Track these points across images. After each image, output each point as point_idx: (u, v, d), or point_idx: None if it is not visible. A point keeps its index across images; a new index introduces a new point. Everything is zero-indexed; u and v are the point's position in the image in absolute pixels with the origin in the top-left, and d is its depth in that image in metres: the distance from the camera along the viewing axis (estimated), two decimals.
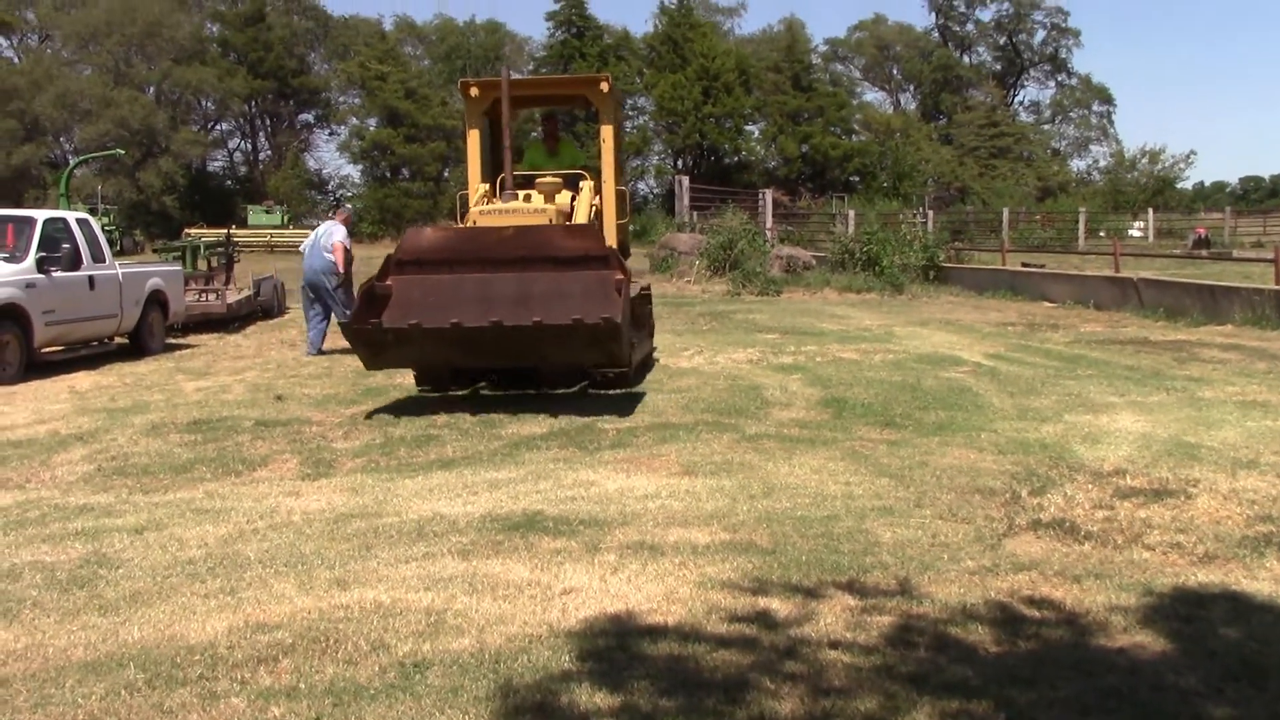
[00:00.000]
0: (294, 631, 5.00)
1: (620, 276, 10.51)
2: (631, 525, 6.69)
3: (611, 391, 11.54)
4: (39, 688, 4.43)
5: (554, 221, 11.52)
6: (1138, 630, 4.97)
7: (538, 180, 12.26)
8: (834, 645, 4.80)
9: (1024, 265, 28.22)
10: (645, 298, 13.78)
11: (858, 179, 67.37)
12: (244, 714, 4.14)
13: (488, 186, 12.64)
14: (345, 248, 16.04)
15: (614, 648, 4.78)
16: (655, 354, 14.47)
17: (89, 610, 5.36)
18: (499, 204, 11.75)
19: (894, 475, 7.93)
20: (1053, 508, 7.01)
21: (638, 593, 5.51)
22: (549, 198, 12.09)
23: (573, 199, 12.32)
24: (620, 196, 13.11)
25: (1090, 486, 7.55)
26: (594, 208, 12.55)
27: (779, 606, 5.30)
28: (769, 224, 36.86)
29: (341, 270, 15.90)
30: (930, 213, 39.78)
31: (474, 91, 12.78)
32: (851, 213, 37.36)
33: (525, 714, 4.11)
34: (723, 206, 34.79)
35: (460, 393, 11.78)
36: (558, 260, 10.66)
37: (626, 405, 10.98)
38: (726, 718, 4.07)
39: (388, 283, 10.78)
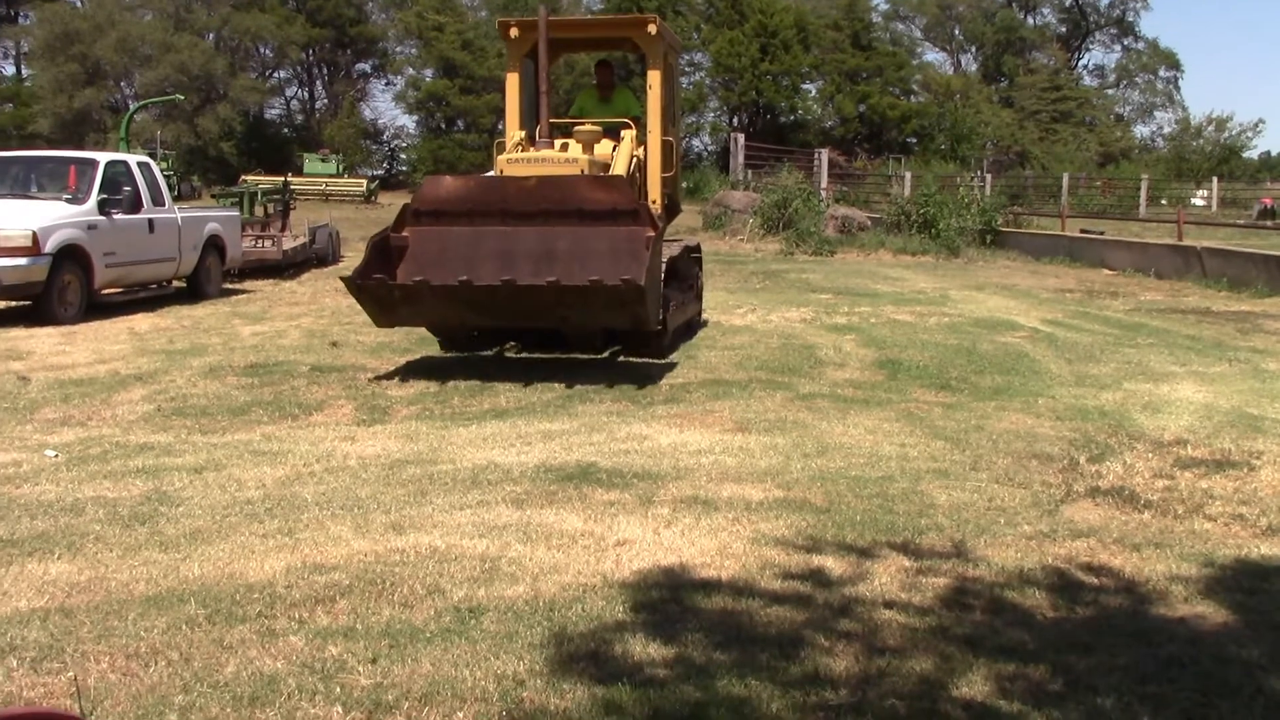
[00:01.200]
0: (350, 573, 5.05)
1: (651, 233, 9.78)
2: (685, 480, 6.69)
3: (644, 360, 10.76)
4: (102, 620, 4.50)
5: (587, 173, 10.73)
6: (1199, 601, 4.90)
7: (575, 129, 11.57)
8: (888, 605, 4.77)
9: (1083, 231, 27.80)
10: (693, 257, 13.11)
11: (915, 141, 66.52)
12: (302, 652, 4.18)
13: (524, 134, 11.89)
14: None
15: (667, 600, 4.78)
16: (704, 315, 13.83)
17: (150, 546, 5.43)
18: (531, 152, 11.08)
19: (949, 438, 7.86)
20: (1111, 475, 6.92)
21: (691, 546, 5.51)
22: (587, 148, 11.37)
23: (614, 150, 11.59)
24: (667, 148, 12.25)
25: (1150, 455, 7.44)
26: (635, 159, 11.82)
27: (833, 565, 5.27)
28: (824, 184, 36.53)
29: None
30: (988, 176, 39.27)
31: (514, 32, 11.94)
32: (908, 174, 36.95)
33: (579, 662, 4.12)
34: (778, 165, 34.53)
35: (486, 353, 11.34)
36: (584, 214, 10.02)
37: (680, 362, 10.96)
38: (780, 673, 4.06)
39: (404, 234, 10.32)
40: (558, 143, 11.25)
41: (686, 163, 58.71)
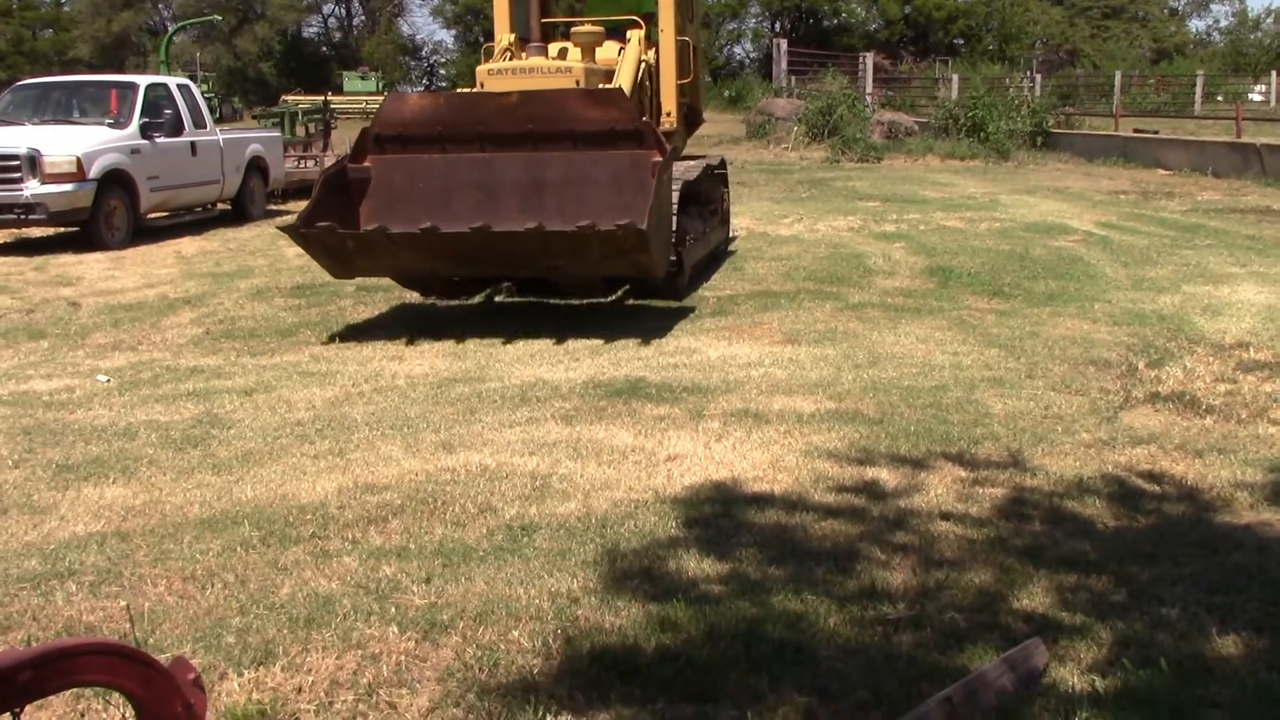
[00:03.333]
0: (402, 493, 5.04)
1: (657, 158, 8.22)
2: (735, 393, 6.62)
3: (658, 303, 9.39)
4: (158, 543, 4.53)
5: (583, 84, 9.15)
6: (1265, 508, 4.79)
7: (573, 29, 10.00)
8: (945, 517, 4.70)
9: (1136, 131, 27.13)
10: (716, 175, 11.45)
11: (962, 42, 65.00)
12: (356, 572, 4.19)
13: (514, 38, 10.09)
14: None
15: (720, 515, 4.74)
16: (737, 234, 12.85)
17: (203, 469, 5.45)
18: (517, 61, 9.63)
19: (1003, 345, 7.73)
20: (1171, 380, 6.77)
21: (743, 460, 5.45)
22: (587, 52, 9.82)
23: (620, 55, 9.96)
24: (682, 50, 10.56)
25: (1211, 359, 7.28)
26: (644, 65, 10.11)
27: (887, 477, 5.20)
28: (869, 89, 35.82)
29: None
30: (1038, 76, 38.30)
31: None
32: (955, 77, 36.12)
33: (632, 578, 4.10)
34: (822, 71, 33.86)
35: (473, 300, 9.89)
36: (576, 136, 8.47)
37: (727, 273, 10.84)
38: (836, 588, 4.01)
39: (365, 164, 8.74)
40: (555, 48, 9.89)
41: (728, 70, 57.79)
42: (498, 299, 9.94)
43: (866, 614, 3.80)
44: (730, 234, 12.42)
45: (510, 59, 9.80)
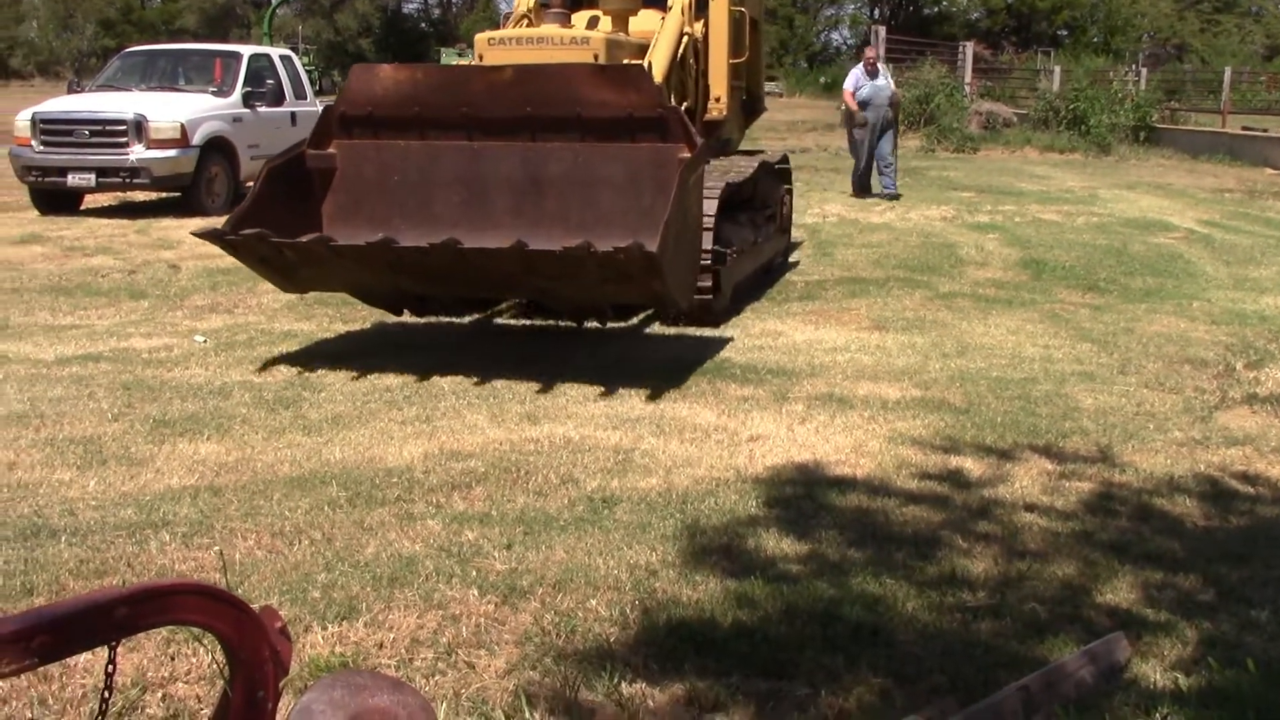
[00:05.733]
0: (486, 461, 5.10)
1: (685, 154, 6.39)
2: (820, 377, 6.59)
3: (696, 331, 7.74)
4: (249, 499, 4.64)
5: (602, 58, 7.57)
6: None
7: None
8: (1030, 508, 4.64)
9: (1245, 129, 26.39)
10: (777, 172, 9.81)
11: (1066, 33, 63.67)
12: (439, 536, 4.25)
13: (534, 3, 8.56)
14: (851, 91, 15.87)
15: (801, 496, 4.73)
16: (795, 253, 10.88)
17: (294, 429, 5.57)
18: (526, 29, 8.20)
19: (1097, 340, 7.59)
20: (1270, 382, 6.59)
21: (826, 444, 5.43)
22: (618, 22, 8.29)
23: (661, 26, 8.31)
24: (738, 22, 9.07)
25: None
26: (688, 39, 8.46)
27: (972, 466, 5.15)
28: (968, 78, 35.24)
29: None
30: (1143, 70, 37.38)
31: None
32: (1057, 69, 35.37)
33: (711, 554, 4.11)
34: (920, 59, 33.39)
35: (463, 320, 8.07)
36: (585, 123, 6.79)
37: (816, 258, 10.77)
38: (916, 573, 3.98)
39: (328, 150, 7.22)
40: (583, 17, 8.37)
41: (824, 57, 57.21)
42: (498, 320, 8.23)
43: (946, 600, 3.77)
44: (790, 243, 10.74)
45: (527, 25, 8.30)
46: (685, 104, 8.24)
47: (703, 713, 3.10)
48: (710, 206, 7.29)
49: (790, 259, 10.50)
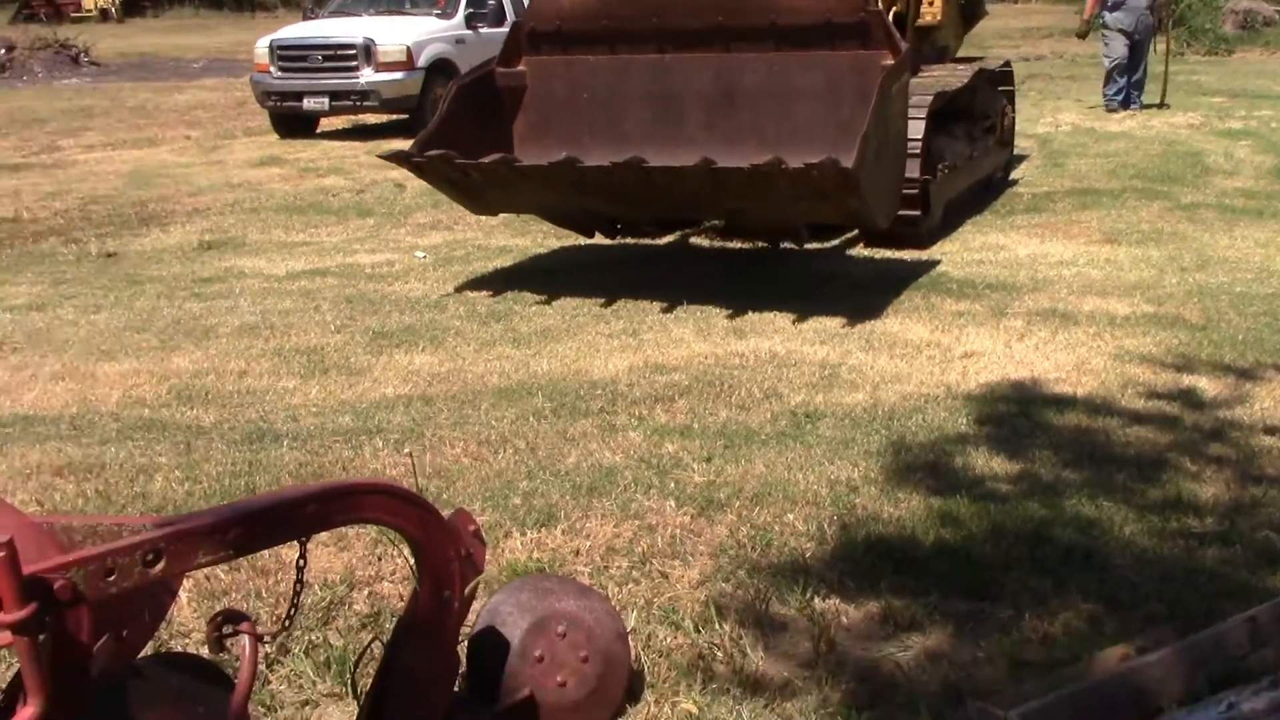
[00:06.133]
0: (690, 374, 5.08)
1: (888, 61, 6.03)
2: (1043, 292, 6.27)
3: (903, 254, 7.30)
4: (458, 408, 4.76)
5: None
6: None
7: None
8: (1270, 431, 4.31)
9: None
10: (995, 82, 9.10)
11: None
12: (640, 447, 4.26)
13: None
14: None
15: (1015, 414, 4.52)
16: (1023, 165, 10.31)
17: (504, 342, 5.67)
18: None
19: None
20: None
21: (1045, 361, 5.17)
22: None
23: None
24: None
25: None
26: None
27: (1206, 385, 4.81)
28: None
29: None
30: None
31: None
32: None
33: (916, 472, 3.98)
34: None
35: (660, 242, 7.94)
36: (780, 31, 6.46)
37: (1046, 169, 10.25)
38: (1137, 496, 3.75)
39: (519, 68, 7.10)
40: None
41: None
42: (694, 241, 8.03)
43: (1169, 525, 3.54)
44: (1011, 158, 9.88)
45: None
46: (894, 8, 7.75)
47: (899, 631, 3.01)
48: (919, 118, 6.90)
49: (1017, 172, 10.01)
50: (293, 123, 14.23)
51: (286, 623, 2.25)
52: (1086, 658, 2.77)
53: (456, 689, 2.50)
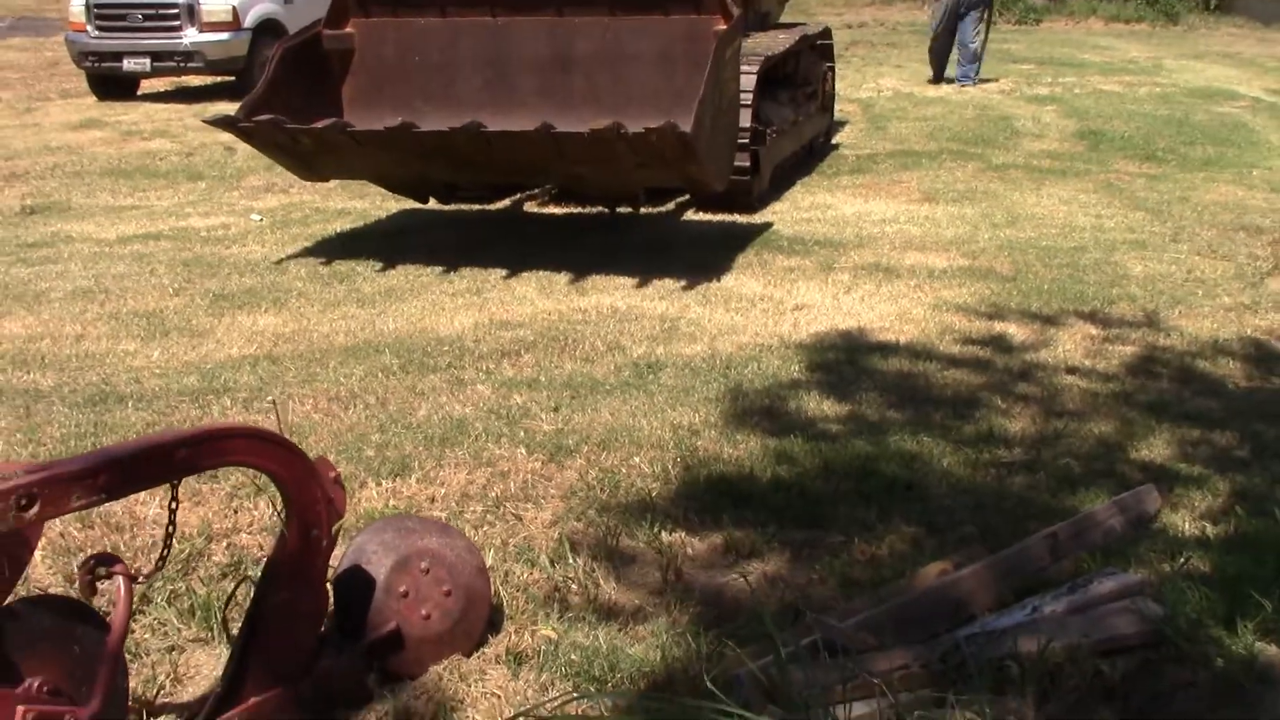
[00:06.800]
0: (535, 330, 5.22)
1: (720, 26, 6.09)
2: (867, 248, 6.61)
3: (730, 216, 7.45)
4: (305, 366, 4.80)
5: None
6: None
7: None
8: (1071, 371, 4.69)
9: None
10: (817, 48, 9.26)
11: None
12: (489, 399, 4.38)
13: None
14: None
15: (843, 361, 4.80)
16: (840, 133, 10.43)
17: (349, 302, 5.71)
18: None
19: (1150, 209, 7.51)
20: None
21: (870, 311, 5.48)
22: None
23: None
24: None
25: None
26: None
27: (1015, 332, 5.18)
28: None
29: None
30: None
31: None
32: None
33: (752, 415, 4.21)
34: None
35: (493, 207, 7.85)
36: None
37: (869, 132, 10.67)
38: (953, 432, 4.06)
39: (345, 30, 6.88)
40: None
41: None
42: (529, 209, 7.94)
43: (981, 457, 3.85)
44: (832, 123, 10.17)
45: None
46: None
47: (740, 559, 3.23)
48: (748, 83, 6.96)
49: (842, 134, 10.40)
50: (112, 84, 13.71)
51: (160, 564, 2.32)
52: (909, 574, 3.03)
53: (324, 627, 2.60)
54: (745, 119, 6.95)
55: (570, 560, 3.18)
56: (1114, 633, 2.68)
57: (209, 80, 14.49)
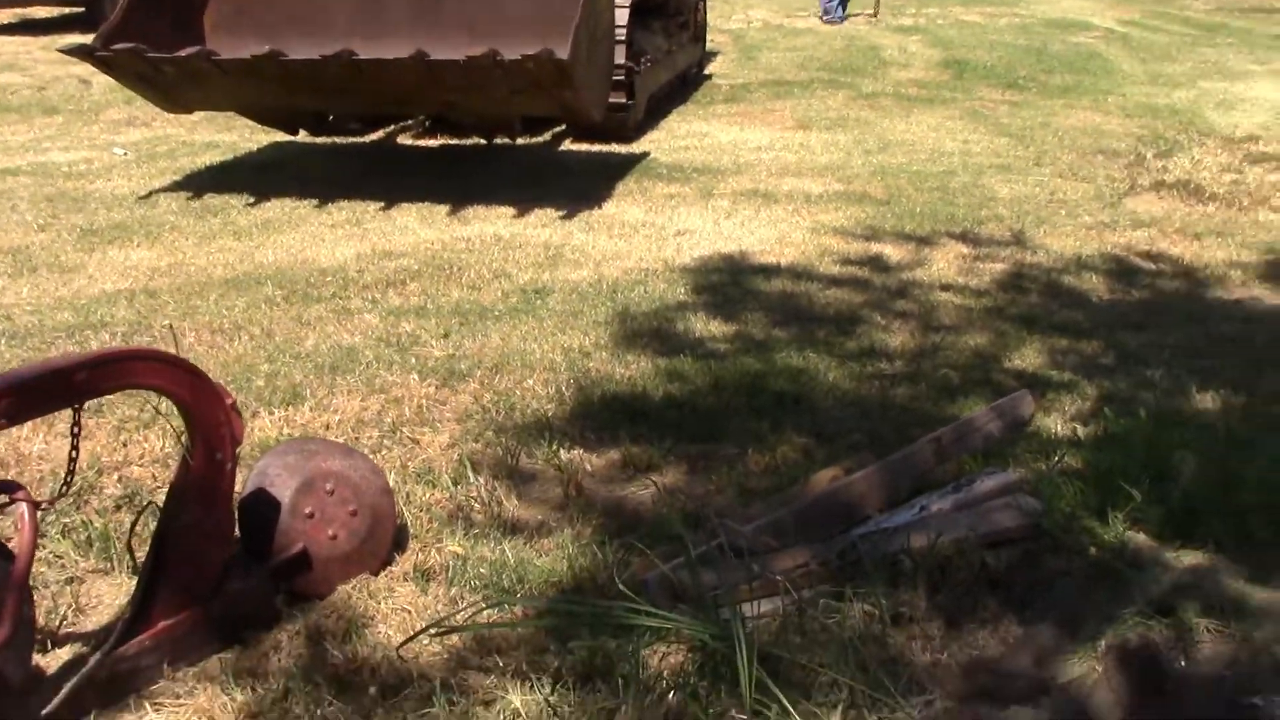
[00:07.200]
0: (419, 259, 5.19)
1: None
2: (745, 174, 6.70)
3: (609, 147, 7.51)
4: (185, 299, 4.70)
5: None
6: (1257, 285, 4.94)
7: None
8: (945, 288, 4.85)
9: None
10: None
11: None
12: (377, 328, 4.36)
13: None
14: None
15: (727, 283, 4.89)
16: (712, 63, 10.50)
17: (224, 235, 5.59)
18: None
19: (1014, 135, 7.76)
20: (1178, 170, 6.83)
21: (750, 235, 5.58)
22: None
23: None
24: None
25: (1219, 151, 7.31)
26: None
27: (891, 252, 5.33)
28: None
29: None
30: None
31: None
32: None
33: (642, 337, 4.27)
34: None
35: (367, 139, 7.84)
36: None
37: (741, 62, 10.74)
38: (837, 347, 4.18)
39: None
40: None
41: None
42: (402, 141, 7.89)
43: (865, 370, 3.98)
44: (704, 54, 10.21)
45: None
46: None
47: (639, 473, 3.30)
48: (622, 14, 6.93)
49: (714, 65, 10.46)
50: None
51: (64, 489, 2.29)
52: (802, 481, 3.14)
53: (231, 551, 2.60)
54: (620, 49, 6.92)
55: (471, 480, 3.20)
56: (997, 527, 2.83)
57: (55, 12, 13.85)
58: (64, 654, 2.50)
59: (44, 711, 2.23)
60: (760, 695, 2.15)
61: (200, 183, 6.53)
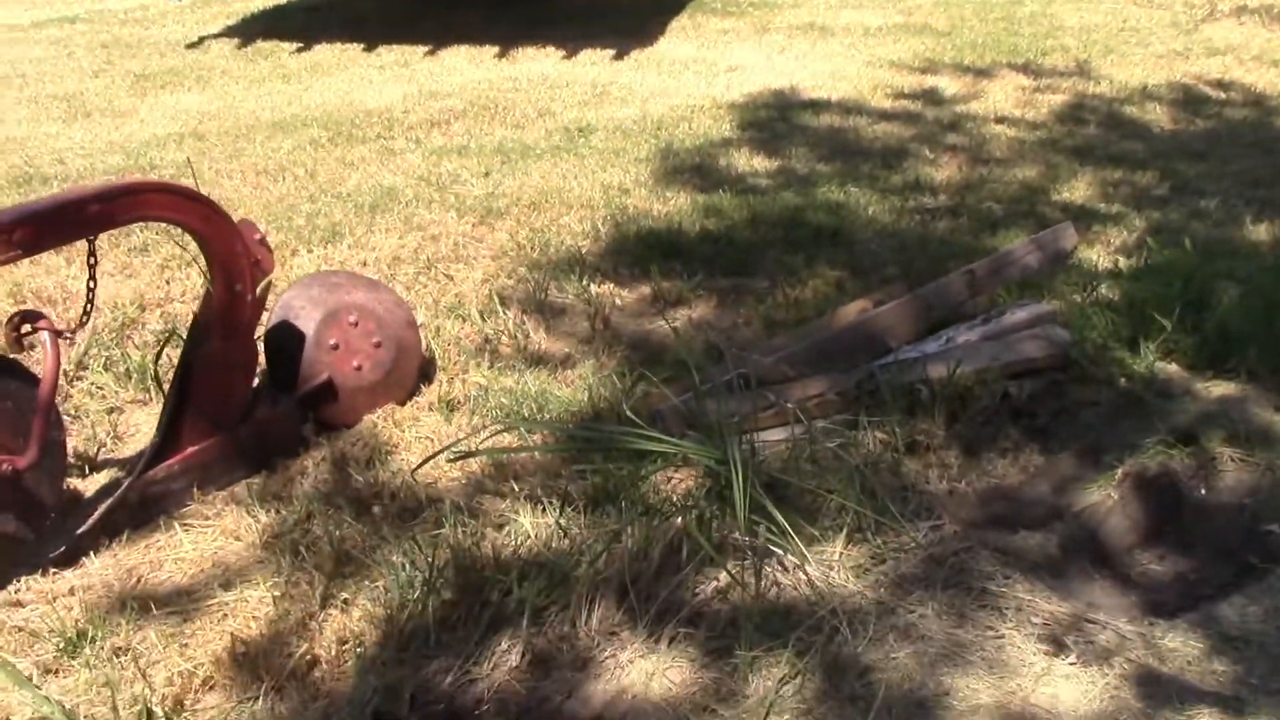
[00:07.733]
0: (465, 99, 5.15)
1: None
2: (802, 8, 6.50)
3: None
4: (232, 142, 4.73)
5: None
6: None
7: None
8: (1000, 120, 4.71)
9: None
10: None
11: None
12: (419, 167, 4.36)
13: None
14: None
15: (775, 119, 4.79)
16: None
17: (273, 79, 5.59)
18: None
19: None
20: None
21: (803, 70, 5.44)
22: None
23: None
24: None
25: None
26: None
27: (947, 85, 5.17)
28: None
29: None
30: None
31: None
32: None
33: (683, 173, 4.22)
34: None
35: None
36: None
37: None
38: (880, 181, 4.10)
39: None
40: None
41: None
42: None
43: (906, 204, 3.90)
44: None
45: None
46: None
47: (667, 308, 3.29)
48: None
49: None
50: None
51: (84, 319, 2.34)
52: (830, 313, 3.11)
53: (258, 382, 2.66)
54: None
55: (500, 313, 3.22)
56: (1022, 356, 2.79)
57: None
58: (101, 478, 2.59)
59: (78, 531, 2.33)
60: (762, 519, 2.17)
61: (252, 28, 6.51)
